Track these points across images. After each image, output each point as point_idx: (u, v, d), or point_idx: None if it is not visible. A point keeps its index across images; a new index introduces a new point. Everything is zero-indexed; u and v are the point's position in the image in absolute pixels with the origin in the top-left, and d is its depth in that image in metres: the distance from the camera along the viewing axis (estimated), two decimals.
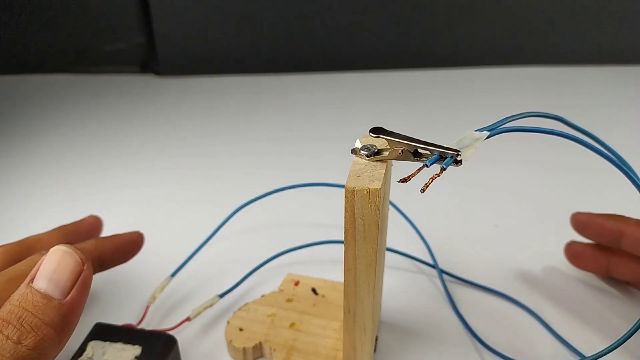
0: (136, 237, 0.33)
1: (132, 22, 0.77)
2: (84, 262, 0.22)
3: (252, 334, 0.31)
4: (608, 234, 0.33)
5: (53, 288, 0.20)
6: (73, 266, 0.21)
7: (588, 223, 0.35)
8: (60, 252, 0.21)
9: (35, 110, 0.69)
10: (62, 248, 0.21)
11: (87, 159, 0.56)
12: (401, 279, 0.38)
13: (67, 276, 0.21)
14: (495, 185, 0.49)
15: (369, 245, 0.22)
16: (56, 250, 0.21)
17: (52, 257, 0.21)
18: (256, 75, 0.79)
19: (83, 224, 0.34)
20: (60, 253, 0.21)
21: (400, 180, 0.20)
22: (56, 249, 0.21)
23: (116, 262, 0.32)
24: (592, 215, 0.35)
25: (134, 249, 0.33)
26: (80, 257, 0.22)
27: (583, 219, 0.35)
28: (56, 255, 0.21)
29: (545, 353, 0.31)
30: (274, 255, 0.37)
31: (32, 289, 0.20)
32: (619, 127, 0.60)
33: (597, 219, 0.34)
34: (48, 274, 0.21)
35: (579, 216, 0.36)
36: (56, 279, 0.21)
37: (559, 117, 0.25)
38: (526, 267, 0.38)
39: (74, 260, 0.21)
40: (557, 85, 0.73)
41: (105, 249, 0.30)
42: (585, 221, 0.35)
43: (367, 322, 0.26)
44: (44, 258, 0.21)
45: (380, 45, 0.79)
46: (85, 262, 0.22)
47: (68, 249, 0.22)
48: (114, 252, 0.31)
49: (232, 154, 0.57)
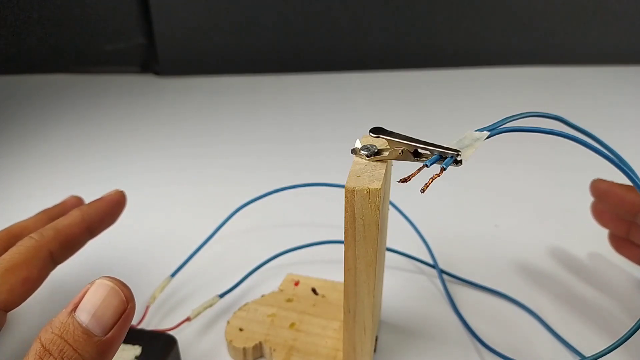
0: (118, 197, 0.33)
1: (132, 22, 0.77)
2: (129, 300, 0.21)
3: (252, 334, 0.31)
4: (626, 206, 0.33)
5: (95, 324, 0.20)
6: (118, 305, 0.20)
7: (608, 192, 0.34)
8: (107, 288, 0.20)
9: (35, 110, 0.69)
10: (110, 284, 0.20)
11: (87, 159, 0.56)
12: (401, 279, 0.38)
13: (110, 314, 0.20)
14: (495, 185, 0.49)
15: (369, 245, 0.22)
16: (103, 285, 0.20)
17: (97, 291, 0.20)
18: (256, 75, 0.79)
19: (66, 205, 0.34)
20: (107, 289, 0.20)
21: (400, 180, 0.20)
22: (103, 283, 0.20)
23: (104, 227, 0.32)
24: (613, 185, 0.34)
25: (118, 210, 0.33)
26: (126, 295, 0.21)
27: (604, 187, 0.35)
28: (102, 290, 0.20)
29: (545, 353, 0.31)
30: (274, 255, 0.37)
31: (74, 321, 0.20)
32: (619, 127, 0.60)
33: (618, 190, 0.34)
34: (91, 308, 0.20)
35: (600, 184, 0.35)
36: (99, 316, 0.20)
37: (559, 117, 0.25)
38: (526, 267, 0.38)
39: (120, 299, 0.20)
40: (557, 85, 0.73)
41: (91, 218, 0.30)
42: (606, 190, 0.34)
43: (367, 322, 0.26)
44: (89, 287, 0.21)
45: (380, 45, 0.79)
46: (130, 301, 0.21)
47: (115, 286, 0.21)
48: (100, 218, 0.31)
49: (232, 154, 0.57)
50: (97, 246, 0.33)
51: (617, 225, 0.36)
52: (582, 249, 0.40)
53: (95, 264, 0.39)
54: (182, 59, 0.79)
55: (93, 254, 0.35)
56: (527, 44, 0.78)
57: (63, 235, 0.29)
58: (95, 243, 0.32)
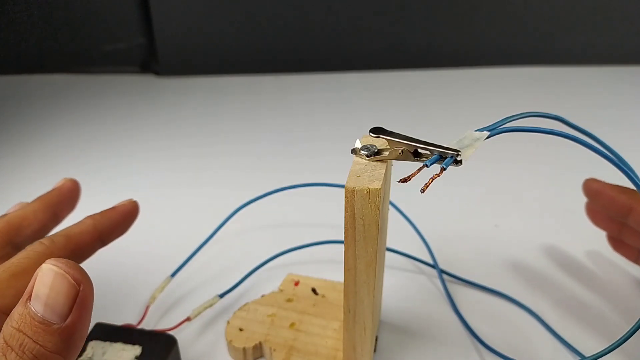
0: (131, 207, 0.32)
1: (132, 22, 0.77)
2: (80, 282, 0.20)
3: (252, 334, 0.31)
4: (618, 207, 0.33)
5: (50, 313, 0.19)
6: (67, 289, 0.19)
7: (600, 192, 0.34)
8: (52, 273, 0.19)
9: (35, 110, 0.69)
10: (54, 268, 0.19)
11: (87, 159, 0.56)
12: (401, 279, 0.38)
13: (62, 300, 0.19)
14: (495, 185, 0.49)
15: (369, 245, 0.22)
16: (48, 270, 0.19)
17: (45, 278, 0.19)
18: (256, 75, 0.79)
19: (62, 191, 0.33)
20: (52, 274, 0.19)
21: (400, 180, 0.20)
22: (48, 268, 0.19)
23: (115, 236, 0.31)
24: (606, 185, 0.34)
25: (130, 220, 0.32)
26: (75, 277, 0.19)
27: (595, 187, 0.35)
28: (49, 277, 0.19)
29: (545, 353, 0.31)
30: (274, 255, 0.37)
31: (30, 311, 0.19)
32: (619, 127, 0.60)
33: (610, 191, 0.33)
34: (43, 297, 0.19)
35: (592, 183, 0.35)
36: (52, 304, 0.19)
37: (559, 117, 0.25)
38: (526, 267, 0.38)
39: (68, 282, 0.19)
40: (557, 85, 0.73)
41: (103, 228, 0.30)
42: (598, 190, 0.34)
43: (367, 322, 0.26)
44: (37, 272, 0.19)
45: (380, 45, 0.79)
46: (81, 282, 0.20)
47: (60, 270, 0.19)
48: (112, 228, 0.31)
49: (232, 153, 0.57)
50: None
51: (609, 226, 0.36)
52: (582, 249, 0.40)
53: (95, 263, 0.39)
54: (182, 59, 0.79)
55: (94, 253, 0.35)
56: (527, 44, 0.78)
57: (74, 243, 0.28)
58: None
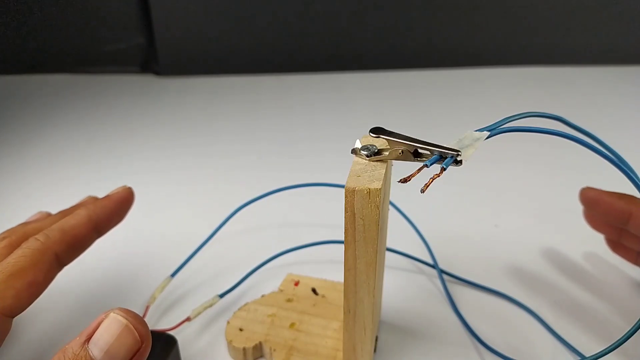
0: (126, 194, 0.32)
1: (132, 22, 0.77)
2: (144, 340, 0.20)
3: (252, 334, 0.31)
4: (616, 214, 0.32)
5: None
6: (132, 344, 0.20)
7: (597, 200, 0.34)
8: (121, 325, 0.20)
9: (35, 110, 0.69)
10: (124, 321, 0.20)
11: (87, 159, 0.56)
12: (401, 279, 0.38)
13: (124, 353, 0.20)
14: (495, 185, 0.49)
15: (369, 245, 0.22)
16: (117, 320, 0.20)
17: (111, 327, 0.20)
18: (256, 75, 0.79)
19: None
20: (120, 326, 0.20)
21: (400, 180, 0.20)
22: (117, 319, 0.20)
23: (111, 226, 0.31)
24: (602, 193, 0.34)
25: (126, 207, 0.32)
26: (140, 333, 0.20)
27: (592, 195, 0.34)
28: (116, 327, 0.20)
29: (545, 353, 0.31)
30: (274, 255, 0.37)
31: (87, 354, 0.19)
32: (619, 127, 0.60)
33: (607, 198, 0.33)
34: (104, 345, 0.19)
35: (589, 191, 0.35)
36: (112, 354, 0.19)
37: (559, 117, 0.25)
38: (526, 267, 0.38)
39: (134, 338, 0.20)
40: (557, 85, 0.73)
41: (99, 217, 0.29)
42: (595, 198, 0.34)
43: (367, 322, 0.26)
44: (103, 318, 0.20)
45: (380, 45, 0.79)
46: (144, 340, 0.20)
47: (129, 324, 0.20)
48: (108, 217, 0.30)
49: (232, 154, 0.57)
50: (97, 246, 0.33)
51: (609, 231, 0.36)
52: (582, 249, 0.40)
53: (95, 263, 0.39)
54: (182, 59, 0.79)
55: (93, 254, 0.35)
56: (527, 44, 0.78)
57: (70, 236, 0.28)
58: (95, 243, 0.32)
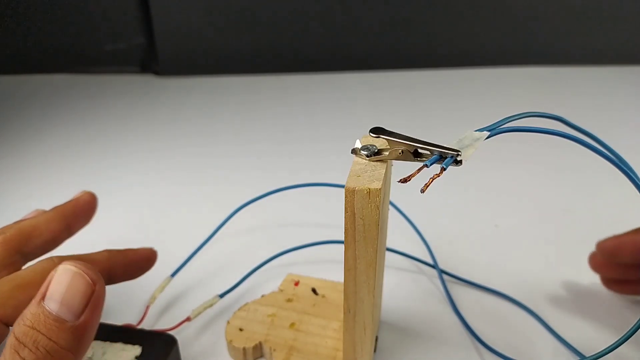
0: (149, 254, 0.32)
1: (132, 22, 0.77)
2: (96, 282, 0.21)
3: (252, 334, 0.31)
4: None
5: (65, 311, 0.20)
6: (85, 288, 0.20)
7: (619, 245, 0.32)
8: (71, 273, 0.21)
9: (35, 110, 0.69)
10: (72, 269, 0.21)
11: (87, 159, 0.56)
12: (401, 279, 0.38)
13: (79, 299, 0.20)
14: (495, 185, 0.49)
15: (369, 245, 0.22)
16: (66, 270, 0.21)
17: (61, 278, 0.20)
18: (256, 75, 0.79)
19: (79, 203, 0.32)
20: (70, 274, 0.21)
21: (400, 180, 0.20)
22: (66, 269, 0.21)
23: (126, 278, 0.30)
24: (619, 237, 0.32)
25: (145, 266, 0.31)
26: (91, 277, 0.21)
27: (612, 243, 0.32)
28: (66, 276, 0.20)
29: (545, 353, 0.31)
30: (274, 255, 0.37)
31: (44, 310, 0.20)
32: (619, 127, 0.60)
33: (627, 237, 0.31)
34: (58, 296, 0.20)
35: (605, 243, 0.32)
36: (68, 302, 0.20)
37: (559, 117, 0.25)
38: (526, 267, 0.38)
39: (85, 282, 0.21)
40: (557, 85, 0.73)
41: (116, 264, 0.29)
42: (615, 244, 0.32)
43: (367, 322, 0.26)
44: (53, 274, 0.21)
45: (380, 45, 0.79)
46: (97, 282, 0.21)
47: (78, 270, 0.21)
48: (125, 267, 0.30)
49: (232, 154, 0.57)
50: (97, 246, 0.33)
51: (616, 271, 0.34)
52: (581, 249, 0.40)
53: None
54: (182, 59, 0.79)
55: None
56: (527, 44, 0.78)
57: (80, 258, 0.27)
58: (95, 243, 0.32)
